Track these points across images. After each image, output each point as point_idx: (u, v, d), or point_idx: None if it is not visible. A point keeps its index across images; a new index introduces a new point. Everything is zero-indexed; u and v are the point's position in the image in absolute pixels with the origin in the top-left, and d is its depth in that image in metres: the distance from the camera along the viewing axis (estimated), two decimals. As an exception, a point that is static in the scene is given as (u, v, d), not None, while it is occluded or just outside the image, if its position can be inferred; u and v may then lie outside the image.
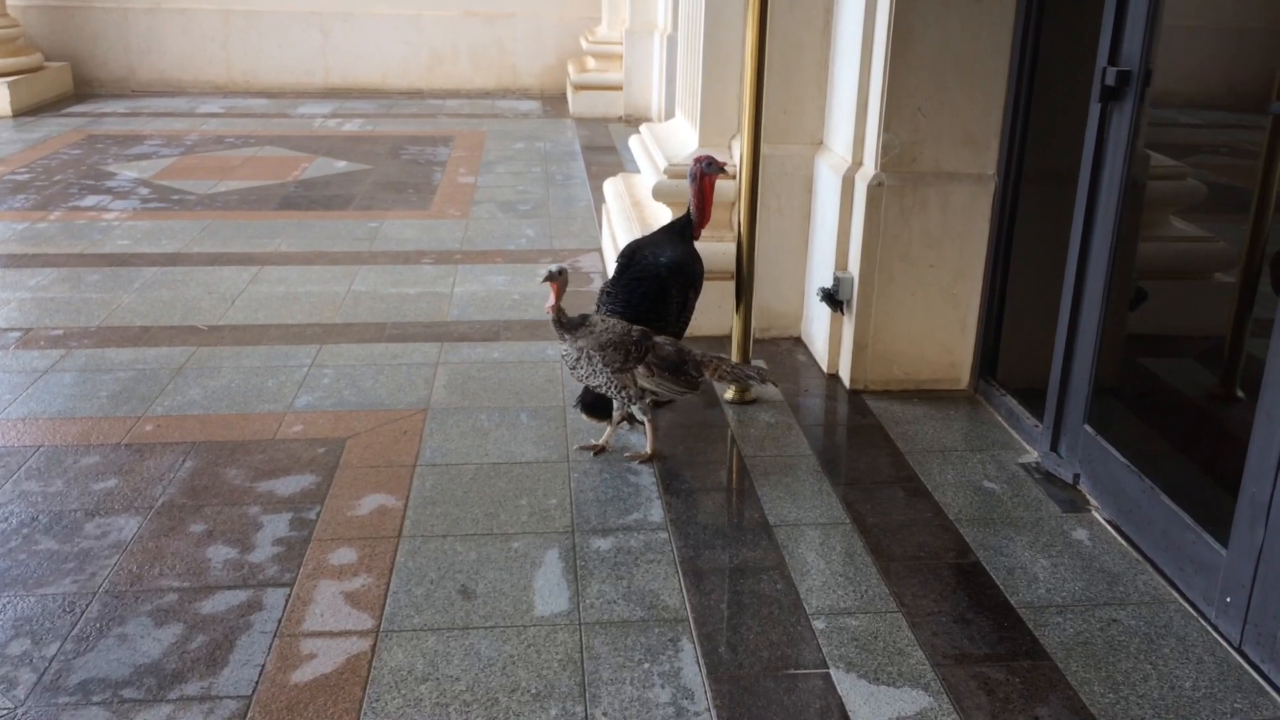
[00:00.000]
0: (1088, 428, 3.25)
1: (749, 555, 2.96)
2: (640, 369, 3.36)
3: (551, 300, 3.41)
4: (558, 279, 3.41)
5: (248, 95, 11.52)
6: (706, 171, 3.74)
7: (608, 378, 3.37)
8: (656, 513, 3.18)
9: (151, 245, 5.86)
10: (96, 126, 9.51)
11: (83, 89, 11.48)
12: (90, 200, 6.82)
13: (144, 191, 7.11)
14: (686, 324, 3.80)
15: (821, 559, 2.93)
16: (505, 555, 2.94)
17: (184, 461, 3.45)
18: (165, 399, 3.91)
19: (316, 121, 10.01)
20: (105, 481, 3.32)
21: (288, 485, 3.32)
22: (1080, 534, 3.07)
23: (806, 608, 2.71)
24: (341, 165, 8.09)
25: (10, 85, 9.91)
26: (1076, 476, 3.30)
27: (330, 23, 11.82)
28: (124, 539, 3.00)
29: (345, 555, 2.94)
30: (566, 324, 3.44)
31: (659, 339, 3.41)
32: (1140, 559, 2.93)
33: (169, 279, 5.29)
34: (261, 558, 2.92)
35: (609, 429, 3.57)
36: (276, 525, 3.08)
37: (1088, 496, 3.25)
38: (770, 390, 3.99)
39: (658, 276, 3.67)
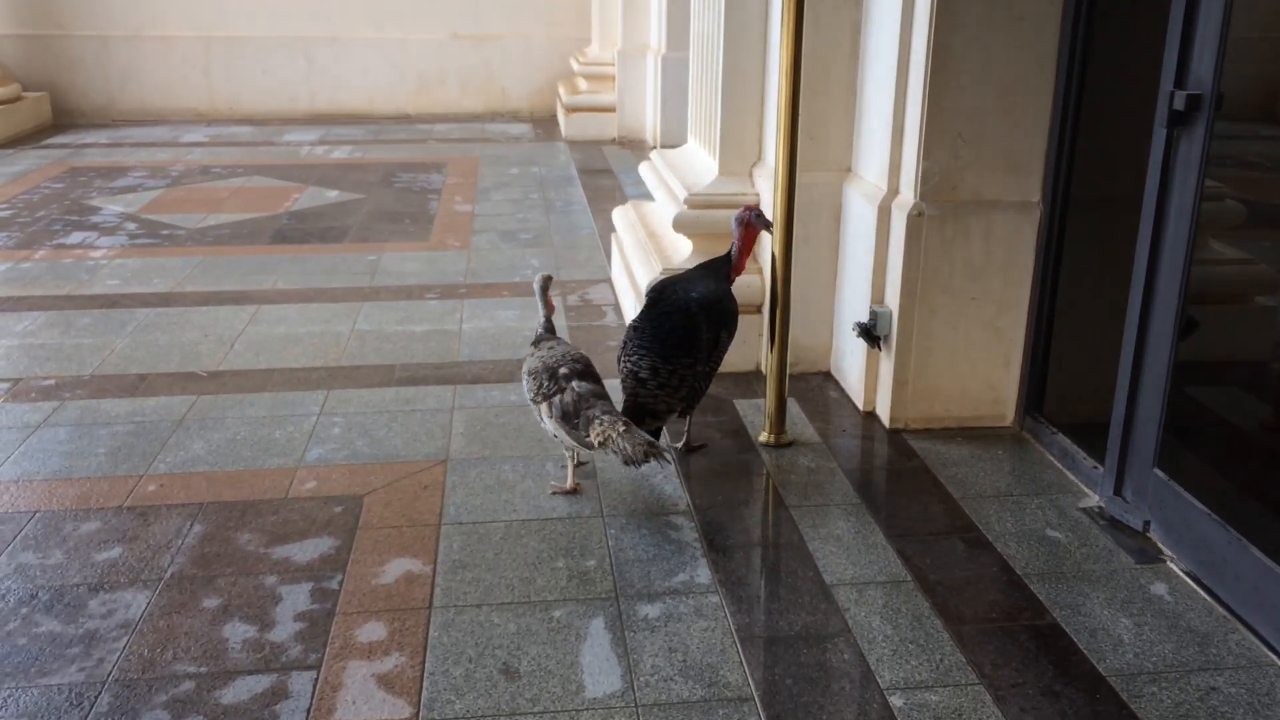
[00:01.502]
0: (1158, 471, 3.06)
1: (809, 620, 2.75)
2: (544, 406, 3.29)
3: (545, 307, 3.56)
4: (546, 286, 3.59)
5: (231, 123, 11.29)
6: (755, 223, 3.62)
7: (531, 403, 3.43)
8: (704, 573, 2.97)
9: (142, 284, 5.62)
10: (78, 158, 9.27)
11: (62, 119, 11.23)
12: (76, 237, 6.58)
13: (131, 227, 6.87)
14: (719, 363, 3.61)
15: (888, 623, 2.73)
16: (547, 627, 2.72)
17: (192, 525, 3.22)
18: (168, 454, 3.68)
19: (304, 149, 9.79)
20: (109, 551, 3.08)
21: (305, 550, 3.09)
22: (1159, 588, 2.87)
23: (880, 681, 2.51)
24: (333, 195, 7.87)
25: (-12, 117, 9.69)
26: (1147, 524, 3.11)
27: (314, 48, 11.62)
28: (132, 617, 2.76)
29: (374, 631, 2.71)
30: (536, 337, 3.53)
31: (578, 384, 3.25)
32: (1228, 616, 2.74)
33: (163, 321, 5.05)
34: (283, 636, 2.69)
35: (569, 465, 3.45)
36: (297, 597, 2.86)
37: (1160, 546, 3.05)
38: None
39: (688, 311, 3.50)
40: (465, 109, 11.91)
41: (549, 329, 3.55)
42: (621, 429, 3.11)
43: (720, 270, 3.66)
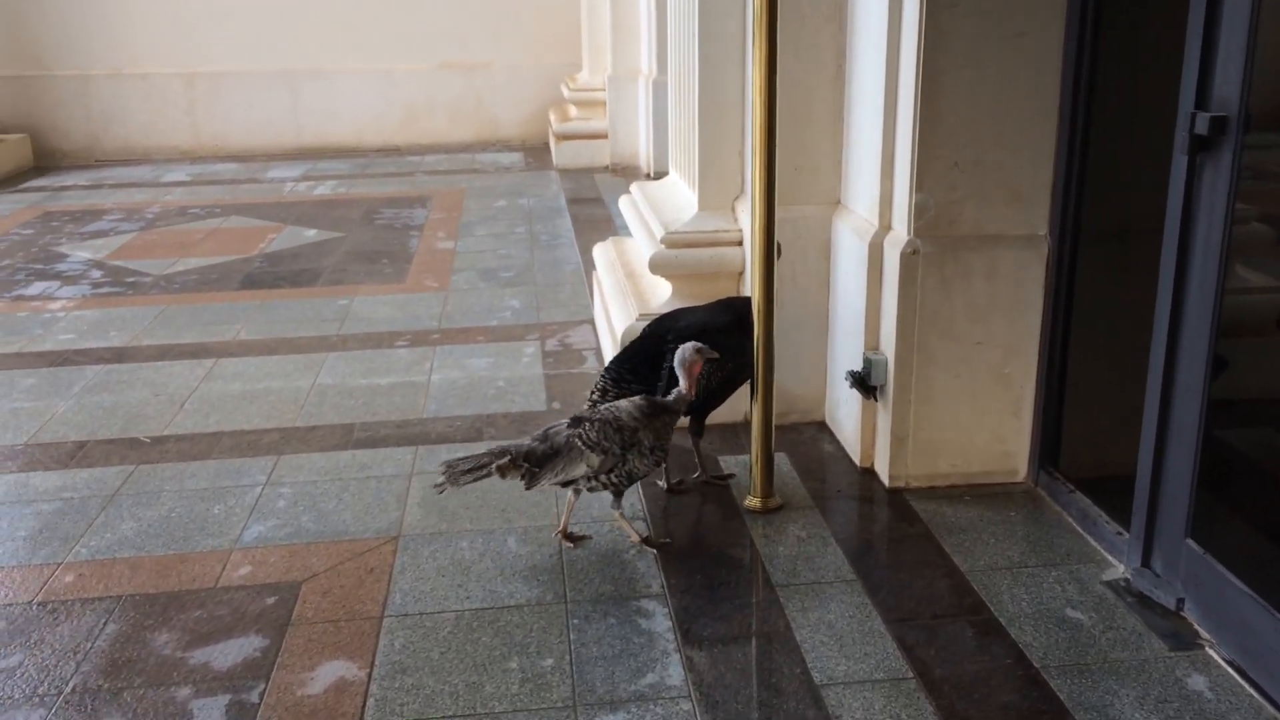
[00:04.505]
0: (1191, 542, 2.69)
1: (795, 732, 2.39)
2: None
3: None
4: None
5: (216, 160, 11.02)
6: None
7: None
8: (675, 672, 2.61)
9: (97, 339, 5.30)
10: (54, 202, 8.99)
11: (45, 161, 10.97)
12: (37, 288, 6.27)
13: (96, 274, 6.56)
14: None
15: (885, 735, 2.36)
16: (492, 747, 2.37)
17: (105, 624, 2.87)
18: (92, 537, 3.34)
19: (287, 186, 9.50)
20: (9, 658, 2.73)
21: (227, 653, 2.74)
22: (1198, 682, 2.50)
23: (875, 812, 2.14)
24: (311, 234, 7.56)
25: (-38, 162, 9.43)
26: (1180, 602, 2.74)
27: (299, 81, 11.35)
28: (20, 744, 2.42)
29: (293, 756, 2.36)
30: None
31: (561, 425, 3.15)
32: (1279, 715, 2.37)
33: (112, 380, 4.73)
34: (189, 765, 2.34)
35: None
36: (210, 714, 2.50)
37: (1198, 629, 2.68)
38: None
39: (660, 338, 3.47)
40: (455, 139, 11.61)
41: (669, 402, 3.17)
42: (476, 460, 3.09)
43: (735, 305, 3.56)
